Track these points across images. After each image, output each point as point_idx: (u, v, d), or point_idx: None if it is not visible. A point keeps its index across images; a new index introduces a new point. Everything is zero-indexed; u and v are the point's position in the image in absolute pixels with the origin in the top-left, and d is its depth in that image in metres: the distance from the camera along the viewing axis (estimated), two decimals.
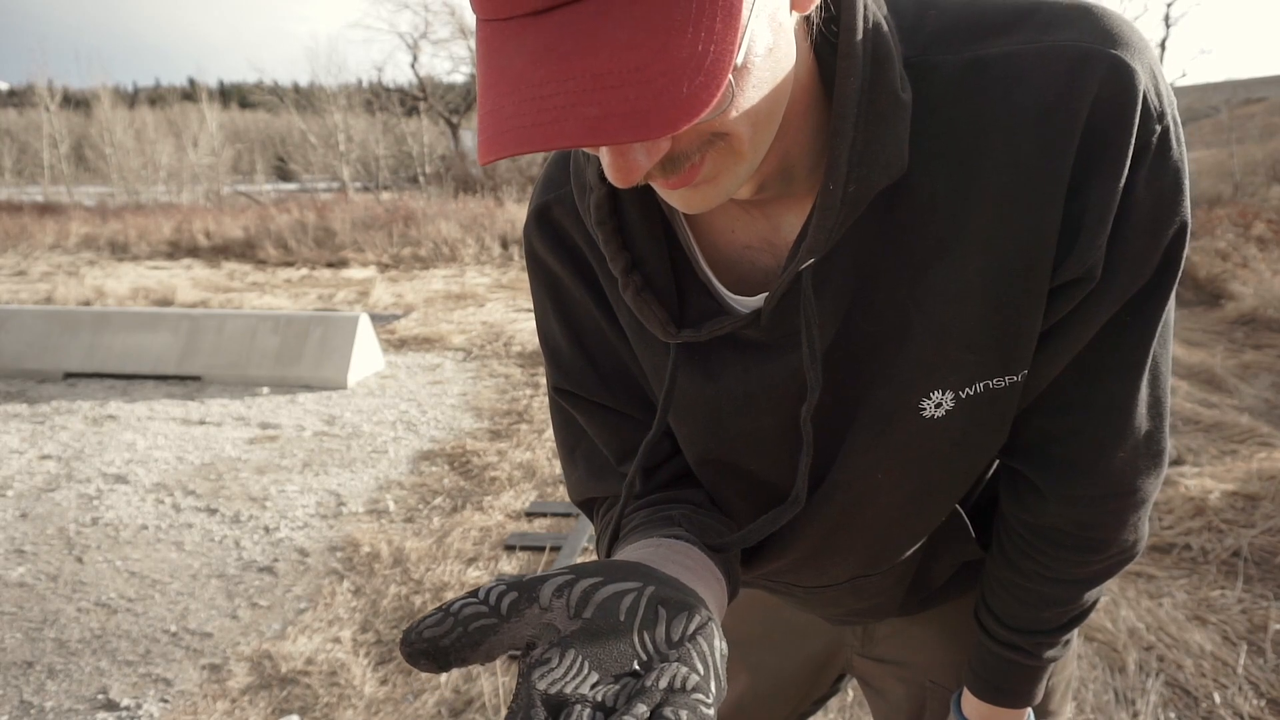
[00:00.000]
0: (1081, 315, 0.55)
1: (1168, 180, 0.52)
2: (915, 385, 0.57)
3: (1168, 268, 0.55)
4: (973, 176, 0.51)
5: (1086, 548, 0.66)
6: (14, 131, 30.27)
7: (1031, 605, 0.71)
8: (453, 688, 2.16)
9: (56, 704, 2.15)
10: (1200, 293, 7.17)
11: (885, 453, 0.61)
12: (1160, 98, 0.51)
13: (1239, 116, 17.51)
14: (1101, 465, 0.61)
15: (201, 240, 13.55)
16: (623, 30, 0.38)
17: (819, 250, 0.52)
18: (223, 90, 57.68)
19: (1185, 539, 2.80)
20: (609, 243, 0.59)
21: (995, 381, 0.57)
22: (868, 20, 0.50)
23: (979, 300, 0.54)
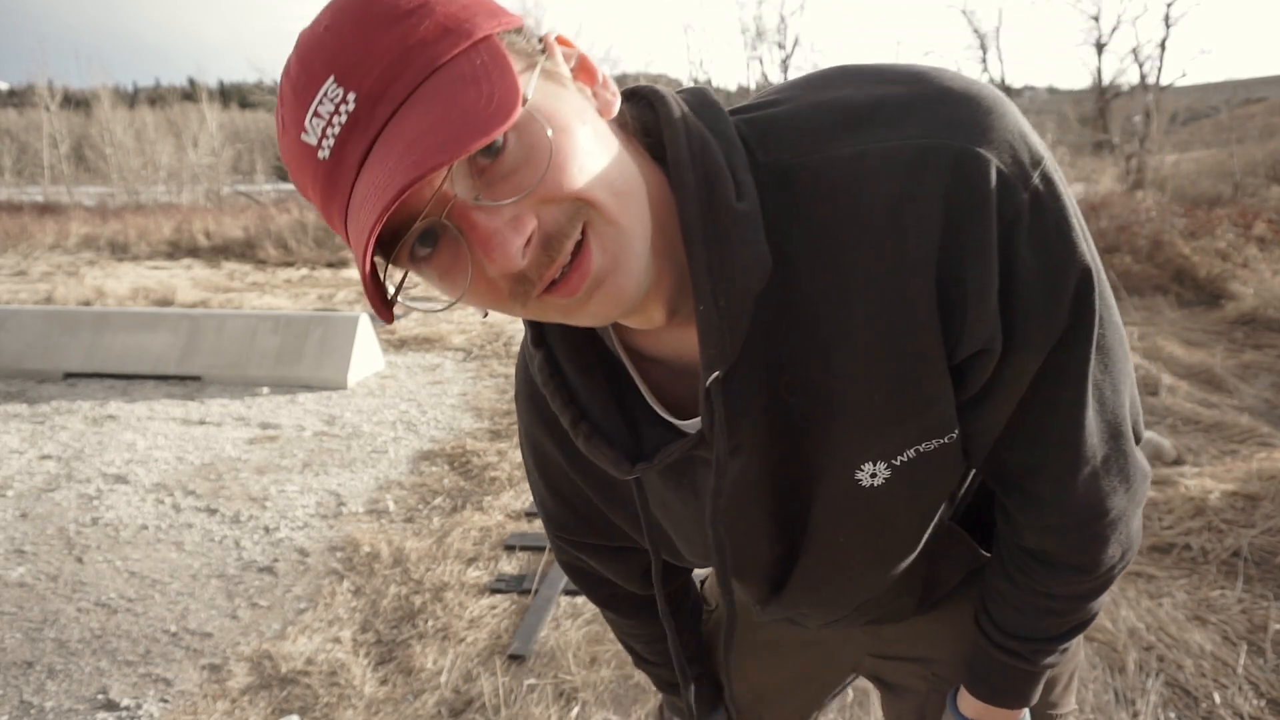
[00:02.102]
0: (1006, 376, 0.58)
1: (1051, 238, 0.53)
2: (847, 459, 0.61)
3: (1082, 314, 0.56)
4: (843, 272, 0.54)
5: (1073, 568, 0.69)
6: (14, 131, 30.28)
7: (1029, 615, 0.73)
8: (453, 688, 2.16)
9: (56, 704, 2.15)
10: (1200, 293, 7.17)
11: (839, 520, 0.65)
12: (1023, 162, 0.52)
13: (1239, 116, 17.51)
14: (1065, 498, 0.64)
15: (201, 240, 13.55)
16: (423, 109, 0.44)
17: (719, 364, 0.55)
18: (223, 90, 57.66)
19: (1185, 539, 2.80)
20: (554, 399, 0.63)
21: (924, 446, 0.60)
22: (693, 146, 0.53)
23: (879, 380, 0.57)
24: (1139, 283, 7.43)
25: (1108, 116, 20.52)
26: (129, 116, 27.34)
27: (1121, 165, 16.66)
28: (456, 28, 0.46)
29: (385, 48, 0.45)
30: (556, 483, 0.76)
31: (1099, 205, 9.00)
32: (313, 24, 0.49)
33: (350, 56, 0.45)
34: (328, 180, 0.47)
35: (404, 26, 0.46)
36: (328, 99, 0.45)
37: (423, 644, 2.35)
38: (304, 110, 0.46)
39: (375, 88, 0.45)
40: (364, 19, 0.46)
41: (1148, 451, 3.55)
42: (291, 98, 0.47)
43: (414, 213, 0.47)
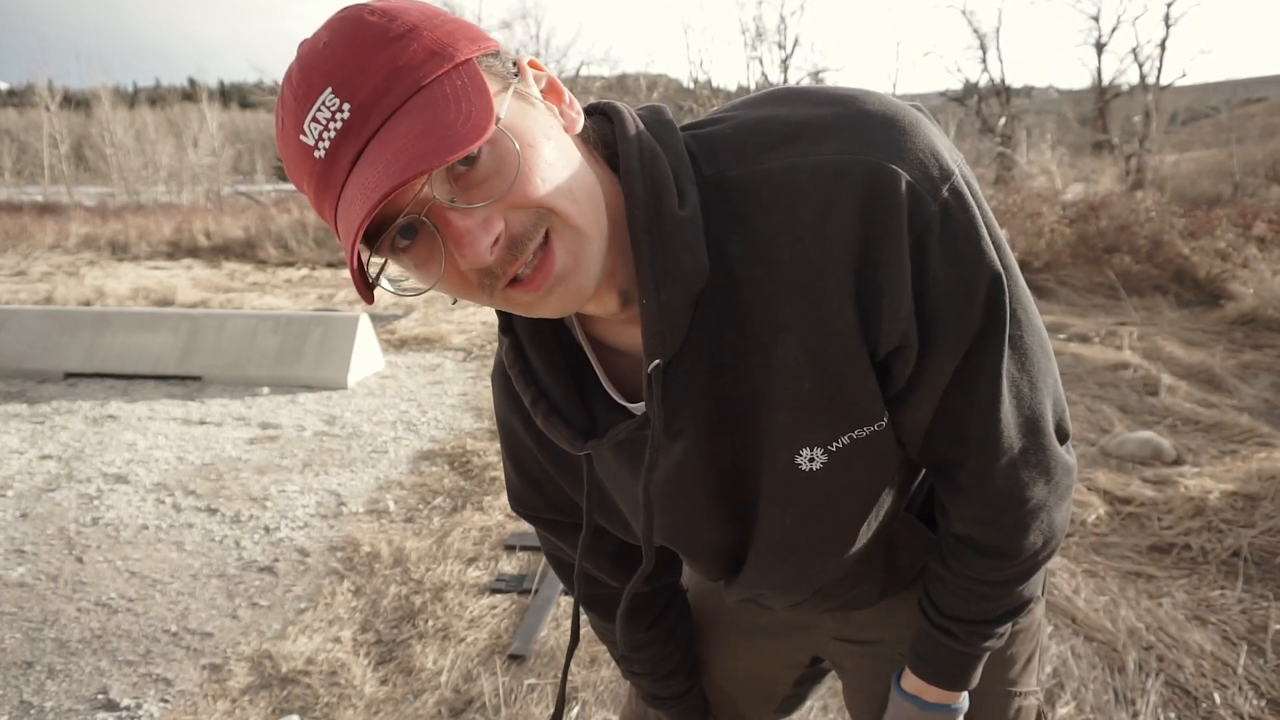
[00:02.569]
0: (926, 373, 0.63)
1: (961, 245, 0.59)
2: (786, 445, 0.67)
3: (994, 315, 0.62)
4: (775, 274, 0.60)
5: (997, 554, 0.74)
6: (14, 131, 30.27)
7: (962, 599, 0.78)
8: (453, 687, 2.16)
9: (56, 704, 2.15)
10: (1200, 293, 7.17)
11: (785, 504, 0.71)
12: (933, 177, 0.58)
13: (1239, 116, 17.51)
14: (986, 488, 0.70)
15: (202, 240, 13.55)
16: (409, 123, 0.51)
17: (661, 354, 0.61)
18: (223, 90, 57.64)
19: (1185, 539, 2.80)
20: (518, 380, 0.70)
21: (856, 433, 0.66)
22: (643, 158, 0.60)
23: (811, 374, 0.62)
24: (1139, 283, 7.43)
25: (1107, 116, 20.52)
26: (129, 116, 27.34)
27: (1121, 165, 16.65)
28: (441, 51, 0.53)
29: (377, 66, 0.51)
30: (522, 460, 0.82)
31: (1099, 205, 8.99)
32: (313, 38, 0.54)
33: (346, 71, 0.52)
34: (322, 177, 0.53)
35: (394, 49, 0.52)
36: (325, 107, 0.52)
37: (423, 644, 2.35)
38: (304, 114, 0.52)
39: (368, 100, 0.51)
40: (359, 40, 0.52)
41: (1147, 451, 3.55)
42: (292, 102, 0.53)
43: (397, 210, 0.53)
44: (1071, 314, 6.83)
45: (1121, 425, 3.95)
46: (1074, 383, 4.83)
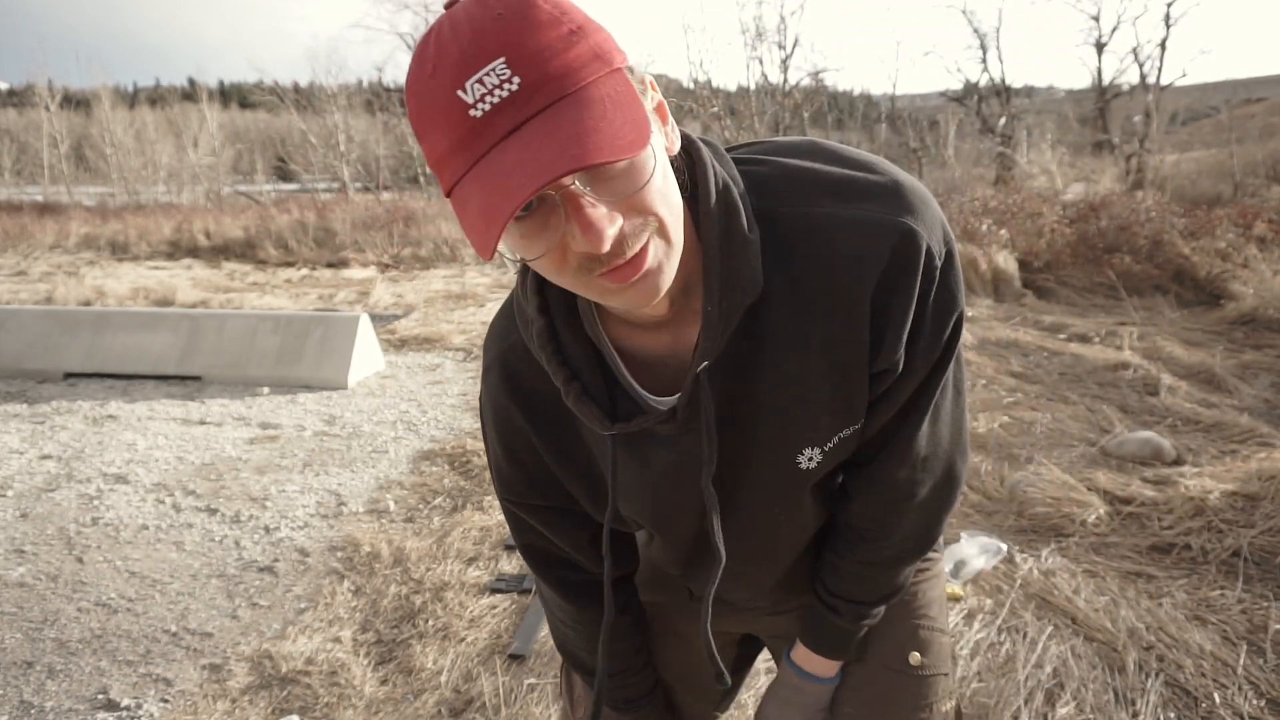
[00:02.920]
0: (897, 388, 0.78)
1: (946, 298, 0.73)
2: (791, 446, 0.78)
3: (949, 348, 0.77)
4: (808, 301, 0.72)
5: (880, 536, 0.89)
6: (14, 131, 30.25)
7: (849, 581, 0.92)
8: (453, 687, 2.16)
9: (57, 704, 2.15)
10: (1200, 293, 7.16)
11: (778, 495, 0.84)
12: (940, 241, 0.72)
13: (1239, 116, 17.50)
14: (889, 478, 0.84)
15: (202, 240, 13.55)
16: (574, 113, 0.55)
17: (710, 355, 0.71)
18: (223, 90, 57.63)
19: (1185, 539, 2.80)
20: (551, 361, 0.75)
21: (844, 433, 0.79)
22: (718, 184, 0.70)
23: (826, 385, 0.75)
24: (1139, 283, 7.42)
25: (1108, 116, 20.52)
26: (129, 116, 27.34)
27: (1121, 165, 16.65)
28: (602, 55, 0.59)
29: (551, 53, 0.56)
30: (514, 447, 0.85)
31: (1099, 205, 8.99)
32: (481, 10, 0.57)
33: (521, 49, 0.55)
34: (471, 132, 0.56)
35: (565, 42, 0.57)
36: (495, 74, 0.55)
37: (423, 644, 2.35)
38: (469, 72, 0.55)
39: (537, 81, 0.55)
40: (534, 23, 0.56)
41: (1147, 451, 3.55)
42: (457, 55, 0.56)
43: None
44: (1071, 314, 6.83)
45: (1121, 425, 3.95)
46: (1074, 383, 4.83)
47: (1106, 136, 19.82)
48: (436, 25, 0.59)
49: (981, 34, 21.86)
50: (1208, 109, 21.46)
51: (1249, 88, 24.21)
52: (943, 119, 23.61)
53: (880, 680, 0.97)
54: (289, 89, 26.88)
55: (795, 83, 19.81)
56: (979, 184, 14.30)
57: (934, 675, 0.98)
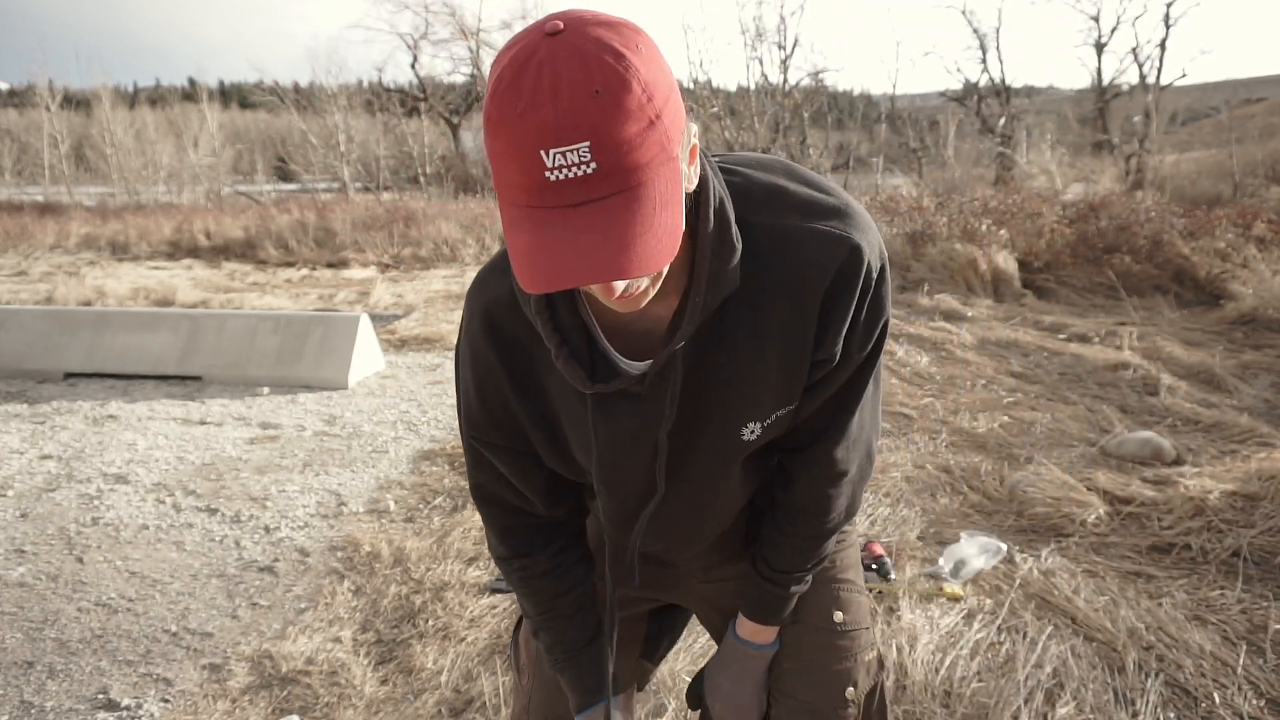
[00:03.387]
0: (829, 378, 0.92)
1: (878, 305, 0.88)
2: (740, 420, 0.91)
3: (877, 347, 0.92)
4: (770, 298, 0.85)
5: (820, 513, 1.03)
6: (14, 131, 30.24)
7: (789, 554, 1.05)
8: (453, 687, 2.16)
9: (57, 704, 2.15)
10: (1200, 293, 7.16)
11: (719, 462, 0.96)
12: (878, 257, 0.86)
13: (1239, 116, 17.50)
14: (826, 461, 0.98)
15: (202, 240, 13.54)
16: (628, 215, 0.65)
17: (686, 336, 0.83)
18: (223, 90, 57.61)
19: (1185, 539, 2.80)
20: (545, 326, 0.85)
21: (780, 413, 0.92)
22: (717, 198, 0.81)
23: (774, 370, 0.88)
24: (1139, 283, 7.43)
25: (1107, 116, 20.51)
26: (129, 116, 27.33)
27: (1121, 165, 16.65)
28: (667, 145, 0.66)
29: (629, 148, 0.63)
30: (486, 390, 0.95)
31: (1099, 205, 8.99)
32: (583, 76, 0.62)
33: (606, 138, 0.62)
34: (541, 189, 0.64)
35: (643, 136, 0.64)
36: (577, 153, 0.62)
37: (423, 643, 2.35)
38: (555, 143, 0.62)
39: (610, 171, 0.63)
40: (624, 113, 0.63)
41: (1147, 451, 3.55)
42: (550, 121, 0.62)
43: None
44: (1071, 314, 6.83)
45: (1121, 425, 3.95)
46: (1074, 383, 4.83)
47: (1106, 137, 19.81)
48: (536, 58, 0.63)
49: (981, 34, 21.87)
50: (1207, 109, 21.46)
51: (1249, 88, 24.21)
52: (943, 119, 23.60)
53: (809, 638, 1.11)
54: (289, 89, 26.89)
55: (795, 83, 19.82)
56: (979, 184, 14.29)
57: (856, 630, 1.12)
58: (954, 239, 8.17)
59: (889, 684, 1.94)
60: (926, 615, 2.38)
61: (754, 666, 1.12)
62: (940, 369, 5.21)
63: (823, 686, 1.09)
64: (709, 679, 1.17)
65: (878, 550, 2.70)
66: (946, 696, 2.03)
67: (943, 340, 5.88)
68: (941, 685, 2.06)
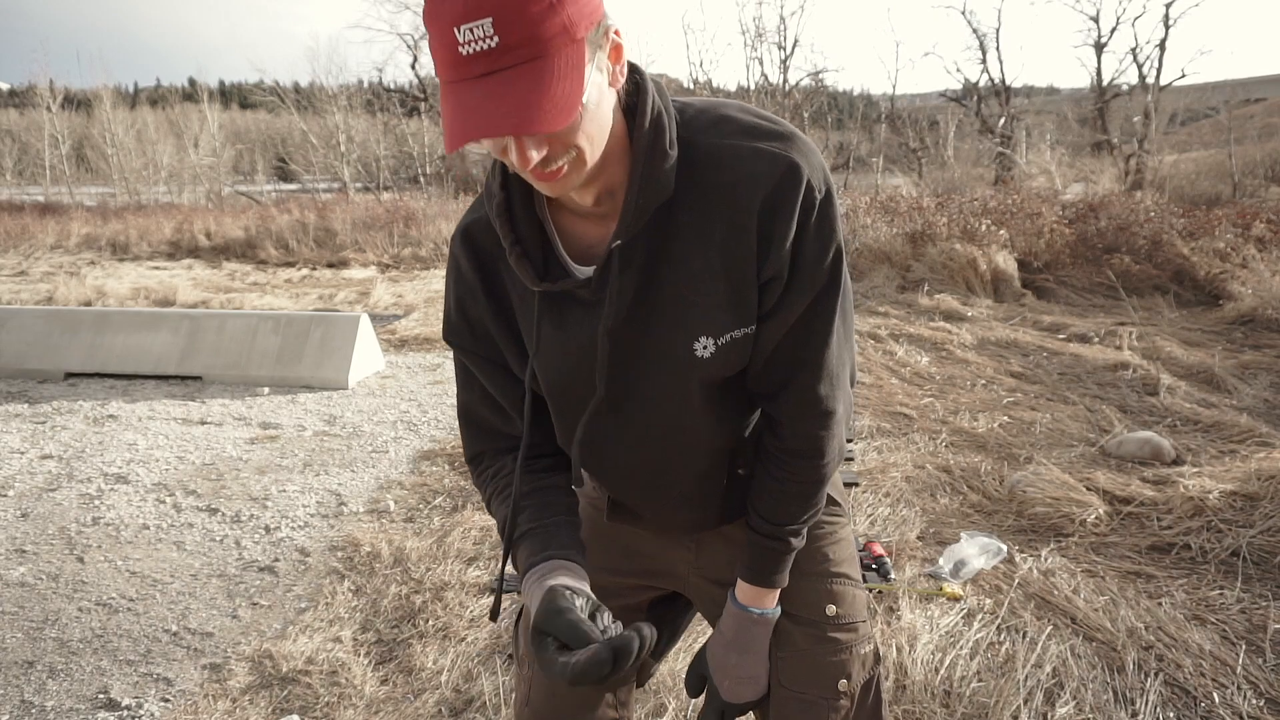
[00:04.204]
0: (786, 302, 0.93)
1: (825, 227, 0.91)
2: (691, 333, 0.93)
3: (834, 277, 0.93)
4: (710, 211, 0.89)
5: (813, 455, 1.02)
6: (15, 132, 30.25)
7: (787, 503, 1.04)
8: (453, 687, 2.16)
9: (57, 703, 2.16)
10: (1200, 293, 7.17)
11: (674, 379, 0.96)
12: (821, 180, 0.90)
13: (1239, 116, 17.49)
14: (808, 401, 0.98)
15: (202, 240, 13.55)
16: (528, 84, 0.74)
17: (624, 235, 0.88)
18: (223, 90, 57.63)
19: (1185, 539, 2.80)
20: (503, 227, 0.93)
21: (736, 333, 0.93)
22: (654, 110, 0.88)
23: (722, 283, 0.91)
24: (1139, 283, 7.43)
25: (1107, 117, 20.51)
26: (130, 117, 27.33)
27: (1120, 165, 16.65)
28: (569, 29, 0.74)
29: (530, 24, 0.72)
30: (464, 300, 1.03)
31: (1098, 205, 8.99)
32: None
33: (508, 15, 0.72)
34: (455, 62, 0.74)
35: (544, 15, 0.72)
36: (481, 28, 0.72)
37: (423, 643, 2.35)
38: (464, 19, 0.72)
39: (510, 44, 0.72)
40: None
41: (1147, 451, 3.56)
42: (463, 4, 0.72)
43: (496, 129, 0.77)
44: (1071, 314, 6.83)
45: (1121, 425, 3.96)
46: (1074, 383, 4.83)
47: (1106, 137, 19.81)
48: None
49: (981, 35, 21.86)
50: (1207, 109, 21.46)
51: (1248, 88, 24.20)
52: (943, 119, 23.59)
53: (802, 629, 1.11)
54: (289, 89, 26.88)
55: (795, 83, 19.82)
56: (979, 184, 14.29)
57: (850, 623, 1.12)
58: (954, 239, 8.17)
59: (887, 681, 1.95)
60: (926, 615, 2.38)
61: (758, 634, 1.10)
62: (940, 369, 5.21)
63: (815, 677, 1.09)
64: (712, 654, 1.14)
65: (878, 550, 2.70)
66: (946, 696, 2.03)
67: (943, 340, 5.89)
68: (941, 685, 2.06)
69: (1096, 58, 20.79)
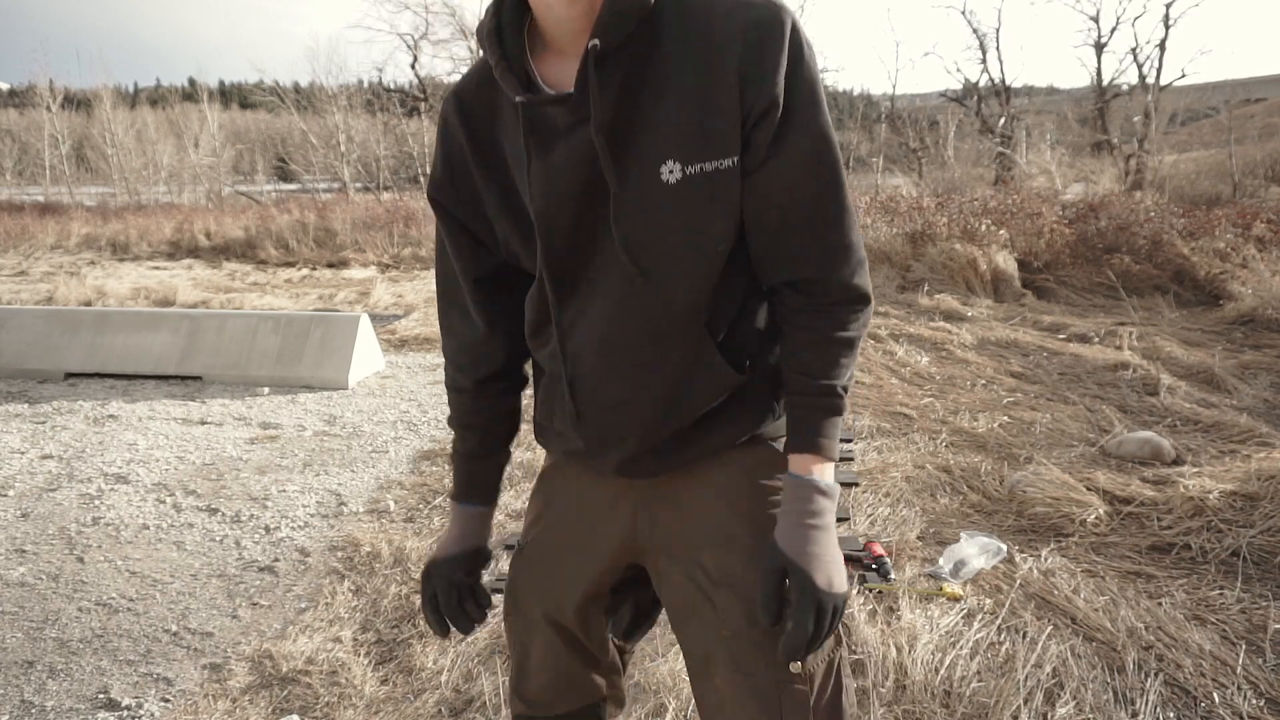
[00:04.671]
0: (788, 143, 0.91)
1: (813, 74, 0.92)
2: (655, 153, 0.91)
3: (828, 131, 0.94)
4: (691, 41, 0.90)
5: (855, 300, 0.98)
6: (15, 132, 30.26)
7: (830, 354, 0.98)
8: (453, 687, 2.16)
9: (57, 703, 2.16)
10: (1200, 293, 7.17)
11: (642, 208, 0.93)
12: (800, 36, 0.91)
13: (1239, 116, 17.49)
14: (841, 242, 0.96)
15: (202, 240, 13.55)
16: None
17: (600, 36, 0.88)
18: (223, 90, 57.64)
19: (1185, 539, 2.80)
20: (490, 41, 0.96)
21: (709, 164, 0.91)
22: None
23: (694, 105, 0.90)
24: (1139, 283, 7.43)
25: (1107, 117, 20.51)
26: (130, 117, 27.34)
27: (1121, 165, 16.65)
28: None
29: None
30: (449, 150, 1.05)
31: (1098, 205, 8.99)
32: None
33: None
34: None
35: None
36: None
37: (423, 643, 2.35)
38: None
39: None
40: None
41: (1147, 451, 3.56)
42: None
43: None
44: (1071, 314, 6.83)
45: (1121, 425, 3.96)
46: (1074, 383, 4.83)
47: (1106, 137, 19.81)
48: None
49: (981, 35, 21.87)
50: (1207, 109, 21.46)
51: (1248, 88, 24.21)
52: (943, 119, 23.59)
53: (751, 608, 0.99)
54: (289, 89, 26.88)
55: None
56: (979, 184, 14.29)
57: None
58: (954, 239, 8.17)
59: (887, 681, 1.94)
60: (926, 615, 2.38)
61: (826, 507, 0.97)
62: (940, 369, 5.21)
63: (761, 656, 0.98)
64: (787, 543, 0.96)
65: (878, 550, 2.70)
66: (946, 696, 2.03)
67: (943, 340, 5.89)
68: (941, 685, 2.06)
69: (1096, 58, 20.80)
